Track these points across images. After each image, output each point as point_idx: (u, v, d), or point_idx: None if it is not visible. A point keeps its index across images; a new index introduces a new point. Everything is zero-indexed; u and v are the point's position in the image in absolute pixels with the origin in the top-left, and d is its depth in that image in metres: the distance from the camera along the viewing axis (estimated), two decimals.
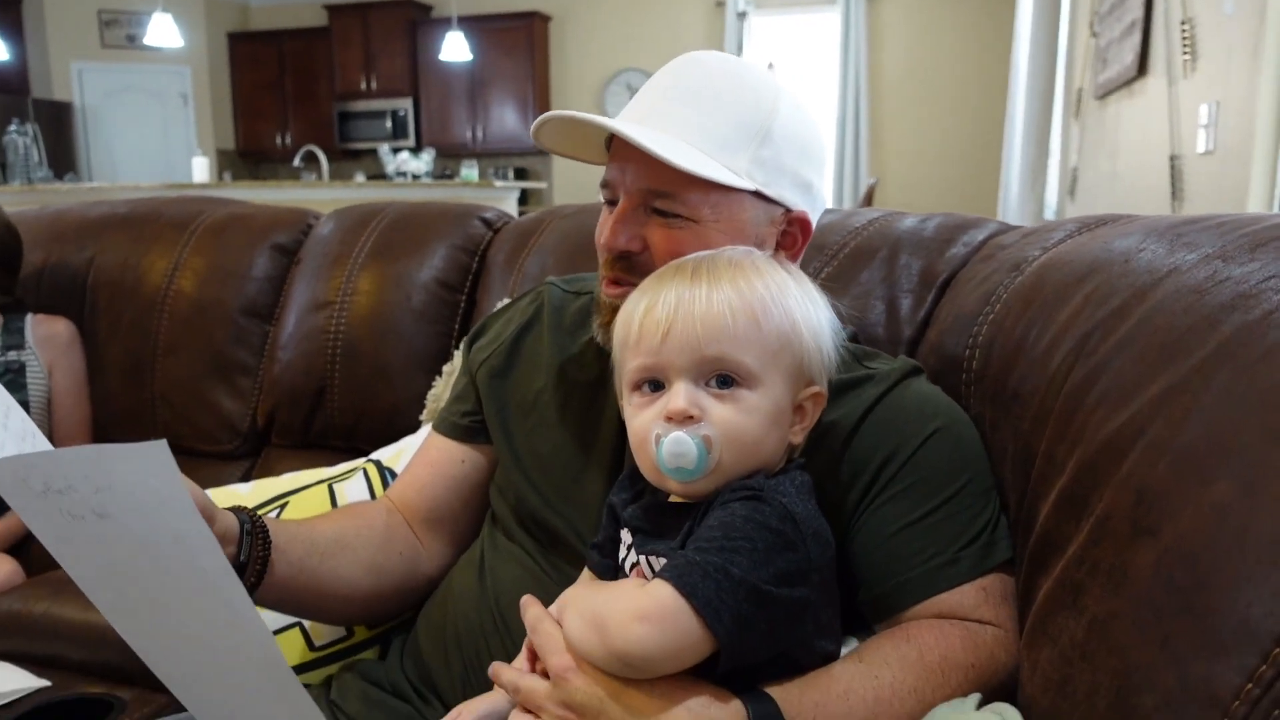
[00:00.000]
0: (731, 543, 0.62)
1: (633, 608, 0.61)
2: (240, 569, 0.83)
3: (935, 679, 0.69)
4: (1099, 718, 0.56)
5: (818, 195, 0.88)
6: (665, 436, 0.66)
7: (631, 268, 0.83)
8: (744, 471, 0.68)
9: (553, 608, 0.70)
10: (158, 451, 0.61)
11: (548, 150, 0.88)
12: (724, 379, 0.67)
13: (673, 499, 0.72)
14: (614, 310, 0.84)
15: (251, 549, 0.83)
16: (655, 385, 0.69)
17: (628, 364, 0.71)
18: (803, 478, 0.69)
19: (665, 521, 0.70)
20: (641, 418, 0.69)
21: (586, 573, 0.80)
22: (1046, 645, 0.64)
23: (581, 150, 0.89)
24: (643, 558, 0.70)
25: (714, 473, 0.67)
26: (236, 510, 0.85)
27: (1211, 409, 0.58)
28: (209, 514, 0.79)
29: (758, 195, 0.82)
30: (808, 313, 0.71)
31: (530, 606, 0.71)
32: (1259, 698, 0.47)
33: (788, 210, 0.85)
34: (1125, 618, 0.57)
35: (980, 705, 0.62)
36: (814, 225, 0.88)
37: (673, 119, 0.81)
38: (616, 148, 0.83)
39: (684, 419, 0.66)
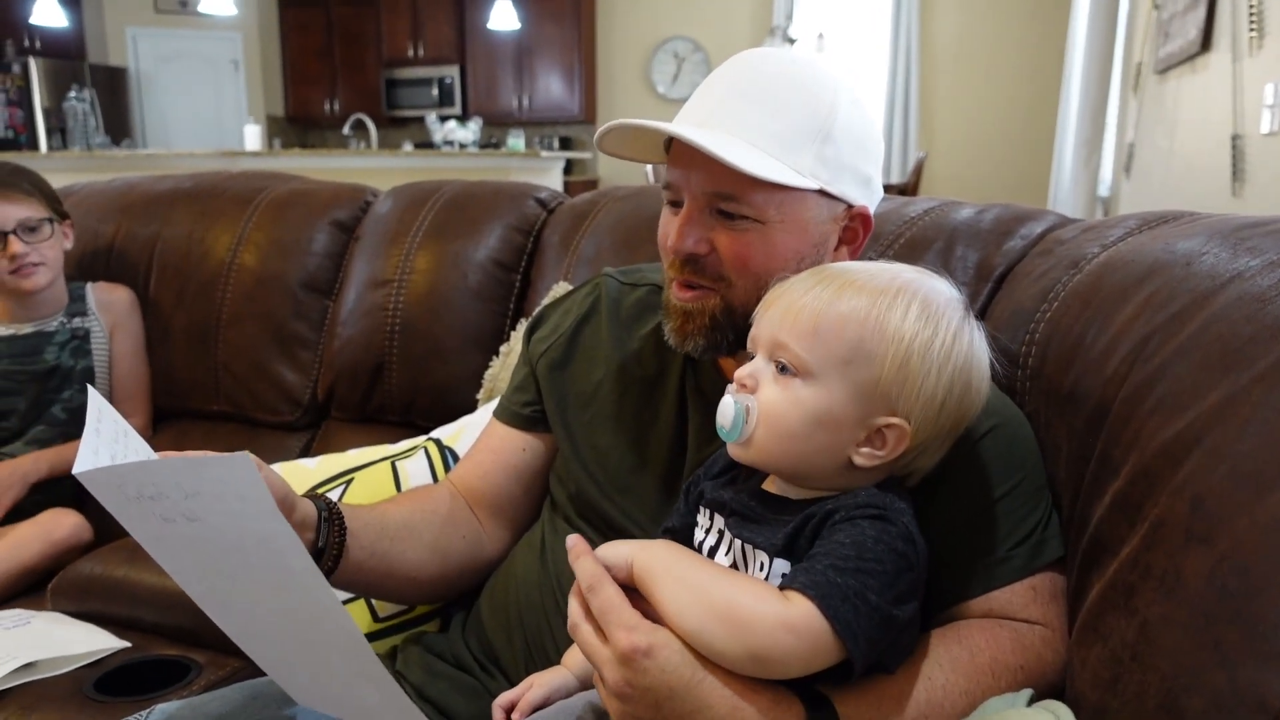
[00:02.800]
0: (865, 564, 0.64)
1: (781, 617, 0.62)
2: (318, 554, 0.86)
3: (986, 680, 0.71)
4: (1148, 717, 0.58)
5: (876, 188, 0.89)
6: (725, 395, 0.72)
7: (700, 270, 0.85)
8: (785, 462, 0.71)
9: (612, 558, 0.69)
10: (241, 463, 0.64)
11: (610, 155, 0.89)
12: (783, 365, 0.71)
13: (764, 485, 0.75)
14: (684, 314, 0.86)
15: (329, 535, 0.87)
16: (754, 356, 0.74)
17: None
18: (908, 498, 0.72)
19: (763, 511, 0.73)
20: None
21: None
22: (1097, 644, 0.66)
23: (644, 153, 0.90)
24: (739, 542, 0.72)
25: (749, 444, 0.71)
26: (314, 497, 0.89)
27: (1271, 420, 0.59)
28: (290, 504, 0.83)
29: (821, 193, 0.83)
30: (914, 351, 0.69)
31: (583, 558, 0.69)
32: None
33: (849, 206, 0.86)
34: (1177, 621, 0.58)
35: (1031, 701, 0.64)
36: (873, 218, 0.89)
37: (735, 120, 0.82)
38: (678, 150, 0.84)
39: (740, 386, 0.72)
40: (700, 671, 0.64)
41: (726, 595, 0.65)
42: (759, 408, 0.70)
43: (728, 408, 0.71)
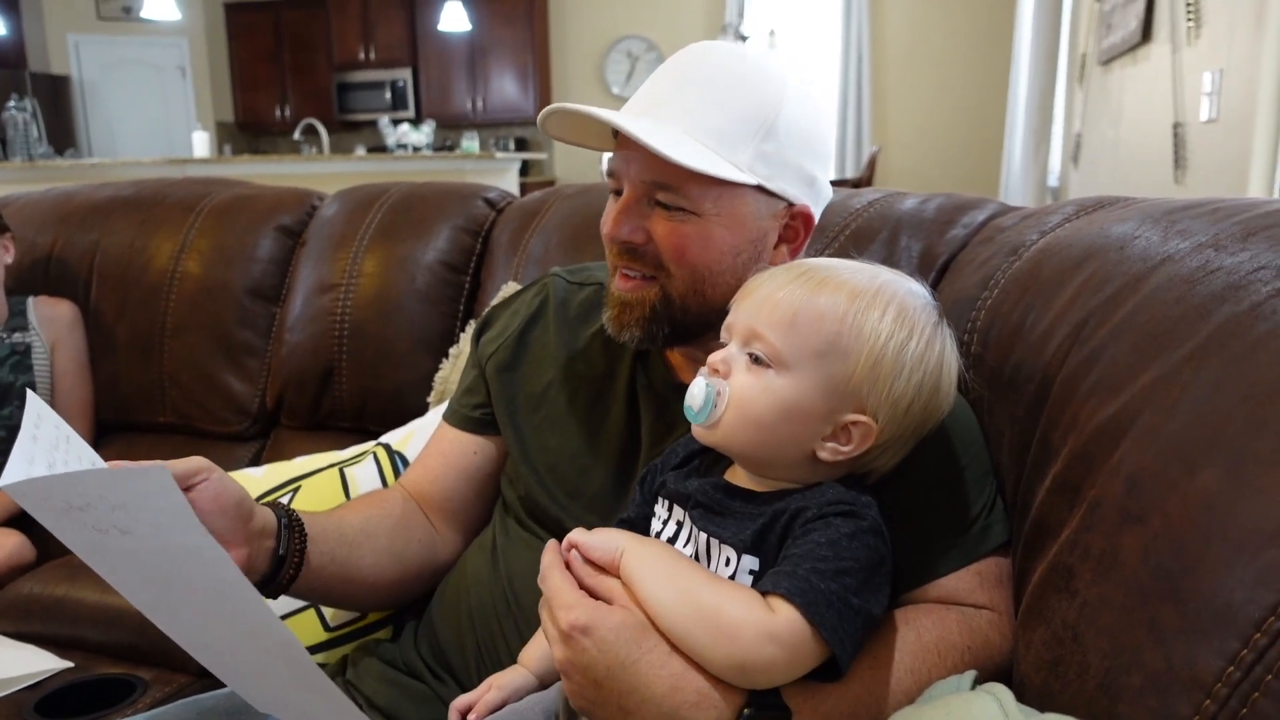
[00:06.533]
0: (843, 563, 0.65)
1: (765, 627, 0.63)
2: (280, 562, 0.85)
3: (932, 659, 0.71)
4: (1088, 697, 0.58)
5: (821, 188, 0.89)
6: (697, 377, 0.73)
7: (639, 258, 0.85)
8: (749, 449, 0.71)
9: (601, 544, 0.70)
10: (157, 475, 0.62)
11: (555, 139, 0.89)
12: (756, 355, 0.71)
13: (728, 477, 0.74)
14: (622, 304, 0.86)
15: (290, 542, 0.86)
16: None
17: None
18: (870, 492, 0.72)
19: (728, 503, 0.72)
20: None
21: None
22: (1040, 626, 0.66)
23: (588, 138, 0.89)
24: (704, 536, 0.72)
25: (716, 428, 0.71)
26: (273, 505, 0.87)
27: (1200, 399, 0.59)
28: (248, 510, 0.81)
29: (760, 189, 0.83)
30: (888, 351, 0.69)
31: (548, 554, 0.72)
32: (1239, 680, 0.49)
33: (790, 204, 0.86)
34: (1114, 601, 0.59)
35: (975, 684, 0.64)
36: (816, 218, 0.89)
37: (677, 111, 0.81)
38: (621, 138, 0.84)
39: (713, 370, 0.72)
40: (638, 650, 0.65)
41: (713, 601, 0.65)
42: (730, 393, 0.71)
43: (698, 389, 0.71)
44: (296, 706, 0.81)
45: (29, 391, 0.75)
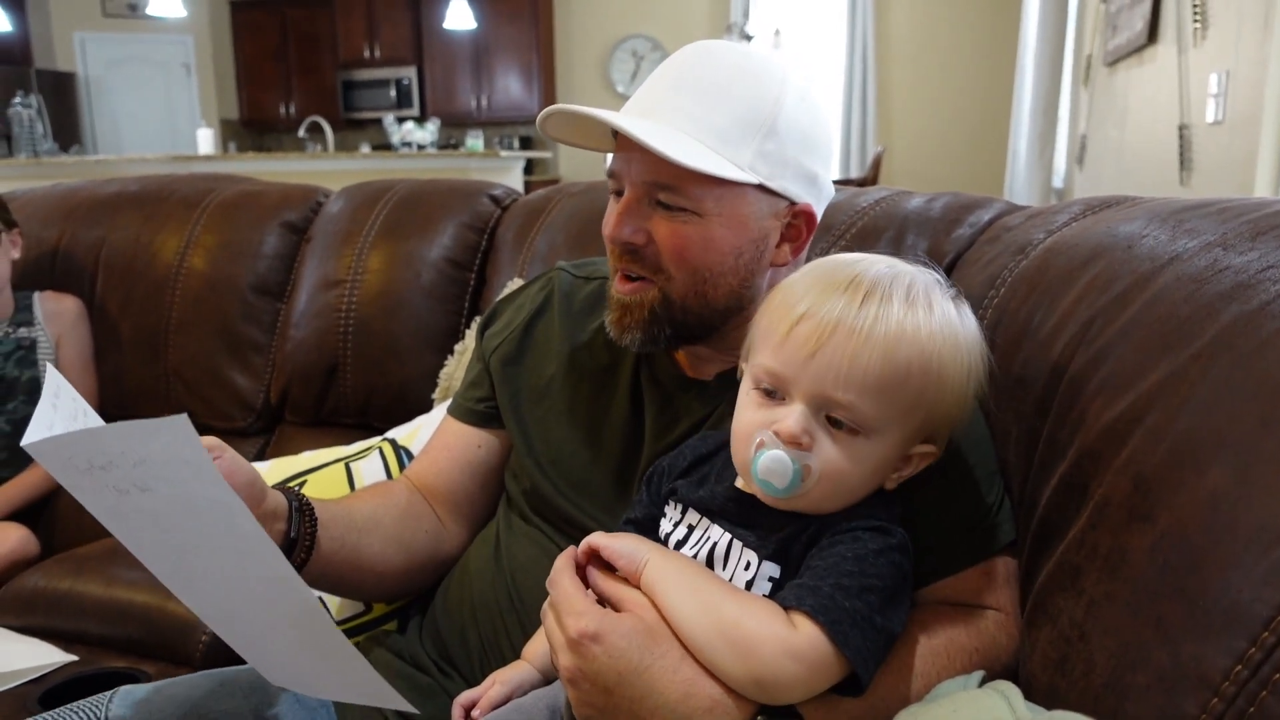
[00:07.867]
0: (867, 580, 0.64)
1: (786, 644, 0.62)
2: (291, 544, 0.85)
3: (940, 661, 0.71)
4: (1095, 695, 0.58)
5: (823, 186, 0.89)
6: (768, 448, 0.66)
7: (639, 260, 0.85)
8: (829, 506, 0.69)
9: (625, 551, 0.69)
10: (181, 425, 0.62)
11: (555, 140, 0.89)
12: (837, 420, 0.66)
13: (741, 486, 0.73)
14: (623, 307, 0.86)
15: (301, 525, 0.86)
16: (773, 392, 0.68)
17: (758, 356, 0.70)
18: (894, 501, 0.72)
19: (754, 516, 0.71)
20: (751, 417, 0.69)
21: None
22: (1046, 625, 0.66)
23: (589, 139, 0.89)
24: (727, 537, 0.71)
25: (800, 498, 0.68)
26: (284, 489, 0.87)
27: (1208, 398, 0.59)
28: (260, 490, 0.81)
29: (761, 188, 0.83)
30: (960, 374, 0.69)
31: (562, 557, 0.72)
32: (1247, 679, 0.49)
33: (792, 203, 0.86)
34: (1121, 600, 0.59)
35: (982, 684, 0.64)
36: (819, 217, 0.89)
37: (677, 112, 0.81)
38: (621, 139, 0.84)
39: (792, 441, 0.66)
40: (650, 656, 0.64)
41: (734, 615, 0.64)
42: (820, 467, 0.66)
43: (784, 467, 0.65)
44: (312, 677, 0.81)
45: (49, 366, 0.76)
